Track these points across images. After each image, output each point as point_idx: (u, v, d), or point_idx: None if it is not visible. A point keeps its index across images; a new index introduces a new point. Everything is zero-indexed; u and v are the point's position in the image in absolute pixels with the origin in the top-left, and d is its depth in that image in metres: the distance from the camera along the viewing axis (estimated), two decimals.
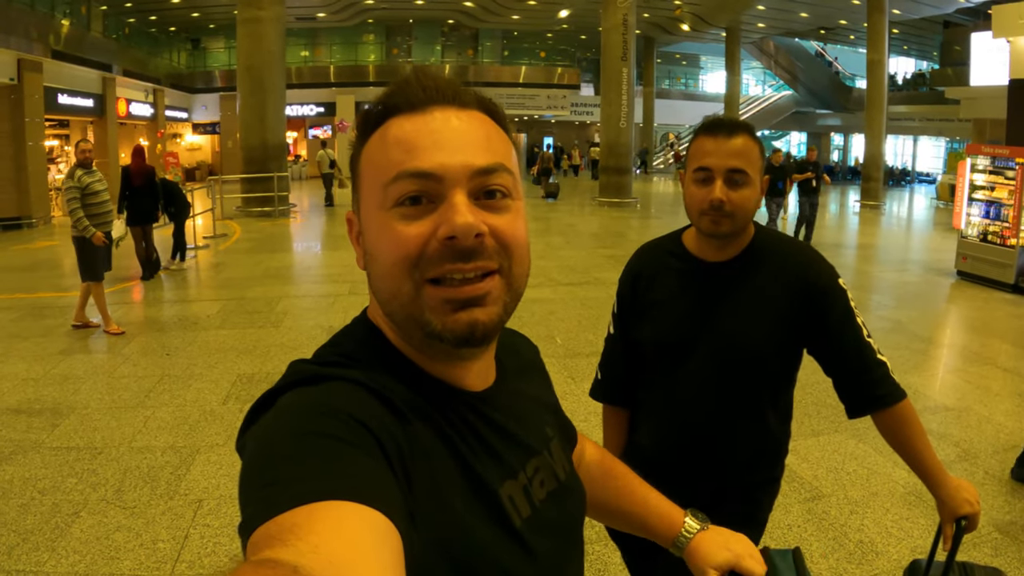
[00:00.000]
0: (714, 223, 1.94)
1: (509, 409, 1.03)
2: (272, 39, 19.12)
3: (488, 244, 0.88)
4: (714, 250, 2.05)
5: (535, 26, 40.46)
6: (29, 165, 18.86)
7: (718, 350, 2.00)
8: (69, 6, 23.43)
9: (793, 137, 54.71)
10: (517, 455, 0.99)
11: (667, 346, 2.08)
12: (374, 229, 0.90)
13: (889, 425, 1.97)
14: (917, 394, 6.39)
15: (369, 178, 0.92)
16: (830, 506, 4.43)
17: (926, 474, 1.94)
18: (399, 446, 0.80)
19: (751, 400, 2.03)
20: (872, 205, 24.86)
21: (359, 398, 0.82)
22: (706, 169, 1.93)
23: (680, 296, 2.08)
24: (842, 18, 34.28)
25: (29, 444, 5.20)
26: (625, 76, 22.59)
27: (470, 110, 0.93)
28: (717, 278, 2.04)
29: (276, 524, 0.64)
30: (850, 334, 1.97)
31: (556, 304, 9.52)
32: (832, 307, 1.97)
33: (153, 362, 7.11)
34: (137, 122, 29.24)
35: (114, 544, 3.91)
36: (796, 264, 2.01)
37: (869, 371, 1.96)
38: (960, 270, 12.16)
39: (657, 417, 2.16)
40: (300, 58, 38.17)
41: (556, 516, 1.03)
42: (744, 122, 2.00)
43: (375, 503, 0.68)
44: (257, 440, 0.79)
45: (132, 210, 11.03)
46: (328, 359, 0.92)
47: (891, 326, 8.83)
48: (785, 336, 1.99)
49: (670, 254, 2.15)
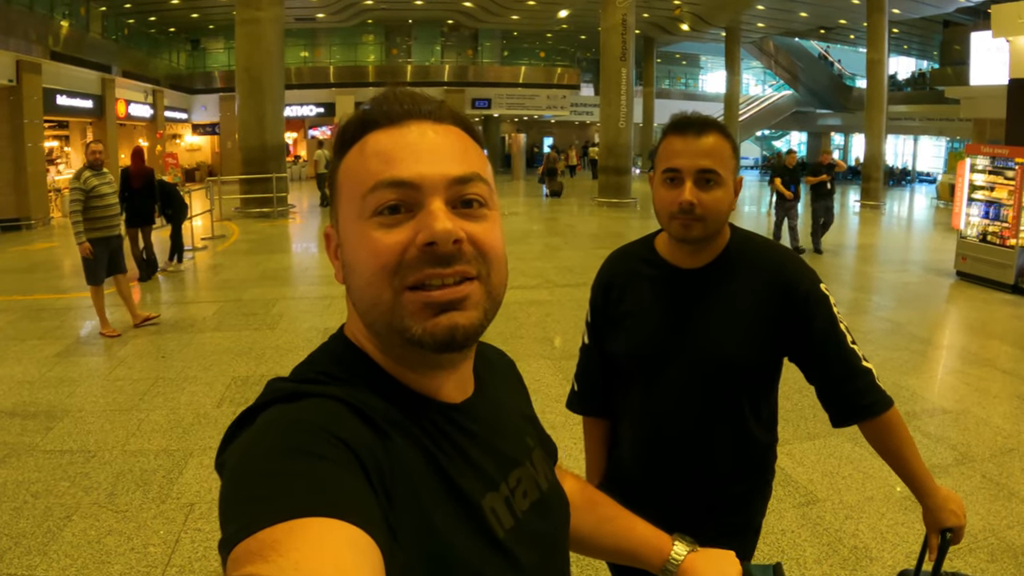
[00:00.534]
0: (684, 227, 1.85)
1: (489, 420, 1.03)
2: (271, 40, 19.12)
3: (466, 250, 0.88)
4: (687, 256, 1.96)
5: (535, 26, 40.46)
6: (28, 166, 18.88)
7: (696, 360, 1.92)
8: (68, 7, 23.49)
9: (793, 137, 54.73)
10: (498, 466, 0.99)
11: (643, 357, 1.99)
12: (353, 240, 0.90)
13: (876, 433, 1.92)
14: (915, 396, 6.37)
15: (347, 190, 0.92)
16: (825, 511, 4.41)
17: (914, 482, 1.91)
18: (379, 462, 0.79)
19: (733, 410, 1.95)
20: (872, 205, 24.80)
21: (338, 415, 0.82)
22: (675, 170, 1.85)
23: (654, 305, 1.99)
24: (842, 18, 34.25)
25: (23, 447, 5.20)
26: (624, 76, 22.57)
27: (446, 124, 0.95)
28: (692, 285, 1.95)
29: (256, 540, 0.64)
30: (834, 341, 1.89)
31: (553, 306, 9.52)
32: (815, 314, 1.89)
33: (148, 365, 7.10)
34: (136, 123, 29.27)
35: (105, 548, 3.90)
36: (775, 269, 1.93)
37: (854, 379, 1.89)
38: (959, 270, 12.12)
39: (636, 430, 2.07)
40: (299, 58, 38.19)
41: (539, 527, 1.03)
42: (715, 120, 1.90)
43: (355, 520, 0.68)
44: (237, 457, 0.78)
45: (131, 212, 11.04)
46: (306, 376, 0.92)
47: (890, 327, 8.81)
48: (766, 344, 1.91)
49: (642, 260, 2.06)
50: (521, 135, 37.67)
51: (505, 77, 38.08)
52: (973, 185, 11.94)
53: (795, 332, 1.90)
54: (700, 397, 1.94)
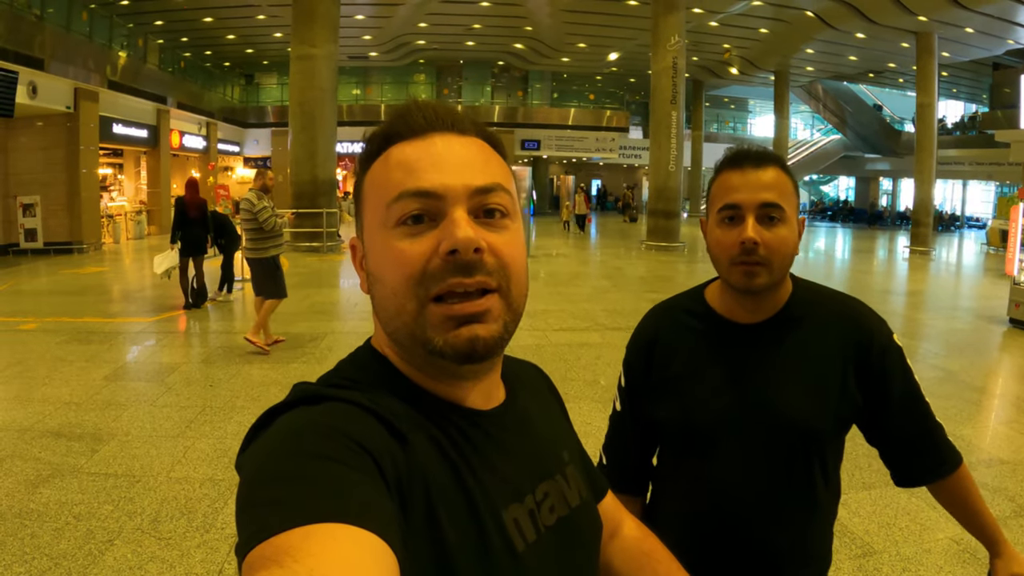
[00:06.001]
0: (748, 275, 1.61)
1: (517, 430, 1.02)
2: (324, 76, 19.51)
3: (488, 261, 0.89)
4: (746, 311, 1.73)
5: (584, 69, 40.84)
6: (82, 192, 19.41)
7: (761, 426, 1.67)
8: (126, 38, 24.19)
9: (841, 182, 54.34)
10: (525, 477, 0.98)
11: (699, 426, 1.73)
12: (377, 249, 0.93)
13: (948, 489, 1.77)
14: (970, 446, 6.19)
15: (372, 200, 0.94)
16: (882, 563, 4.27)
17: (985, 533, 1.78)
18: (397, 468, 0.80)
19: (804, 481, 1.71)
20: (922, 251, 24.52)
21: (359, 419, 0.82)
22: (734, 206, 1.62)
23: (710, 365, 1.74)
24: (891, 61, 34.07)
25: (67, 468, 5.22)
26: (674, 119, 22.52)
27: (469, 136, 0.96)
28: (753, 341, 1.72)
29: (272, 546, 0.64)
30: (911, 397, 1.71)
31: (604, 348, 9.41)
32: (893, 373, 1.69)
33: (196, 392, 7.13)
34: (189, 154, 29.90)
35: (147, 575, 3.87)
36: (846, 322, 1.72)
37: (932, 439, 1.74)
38: (1013, 317, 11.86)
39: (687, 508, 1.79)
40: (352, 96, 38.77)
41: (563, 543, 1.00)
42: (773, 152, 1.69)
43: (372, 526, 0.68)
44: (255, 459, 0.78)
45: (185, 241, 11.24)
46: (330, 381, 0.93)
47: (942, 375, 8.60)
48: (840, 404, 1.68)
49: (692, 315, 1.81)
50: (570, 177, 37.75)
51: (554, 119, 38.40)
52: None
53: (870, 392, 1.70)
54: (765, 466, 1.69)
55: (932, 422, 1.75)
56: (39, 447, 5.60)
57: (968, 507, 1.78)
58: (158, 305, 11.86)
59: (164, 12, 26.20)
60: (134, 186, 27.16)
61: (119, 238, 22.99)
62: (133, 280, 15.30)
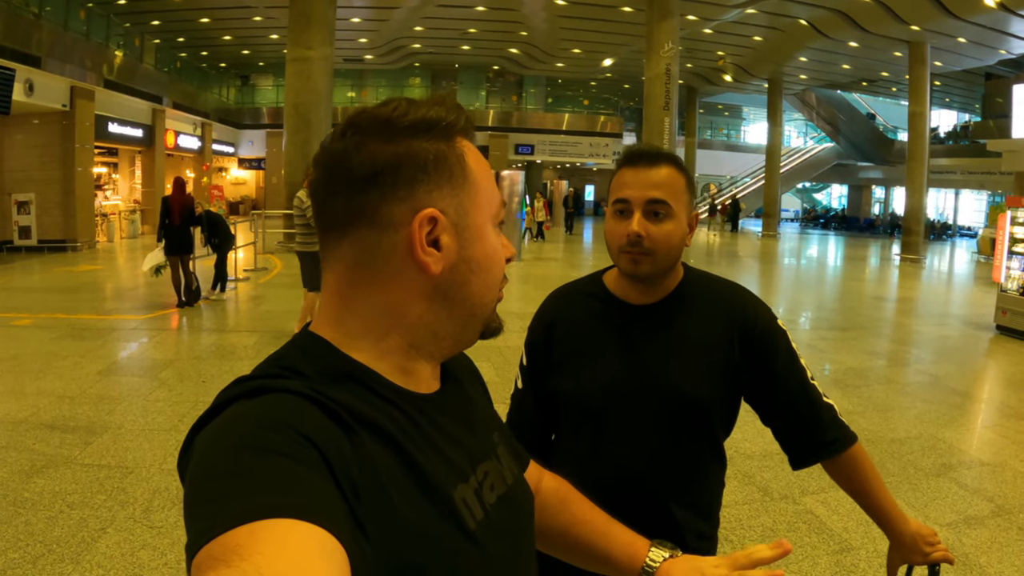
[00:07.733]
0: (633, 262, 1.76)
1: (458, 412, 1.05)
2: (320, 78, 19.53)
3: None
4: (639, 293, 1.86)
5: (579, 74, 40.90)
6: (77, 190, 19.40)
7: (654, 398, 1.80)
8: (123, 38, 24.24)
9: (834, 190, 54.49)
10: (468, 458, 0.99)
11: (593, 398, 1.85)
12: (490, 239, 1.01)
13: (842, 470, 1.84)
14: (952, 448, 6.28)
15: (485, 193, 1.01)
16: (859, 559, 4.34)
17: (883, 516, 1.82)
18: (345, 459, 0.78)
19: (693, 449, 1.83)
20: (912, 259, 24.64)
21: (303, 410, 0.80)
22: (624, 201, 1.77)
23: (605, 342, 1.87)
24: (884, 70, 34.21)
25: (61, 459, 5.28)
26: (667, 125, 22.56)
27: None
28: (645, 321, 1.85)
29: (219, 544, 0.63)
30: (796, 378, 1.82)
31: None
32: (776, 350, 1.82)
33: (189, 388, 7.19)
34: (184, 154, 29.86)
35: (139, 561, 3.94)
36: (731, 306, 1.85)
37: (818, 416, 1.82)
38: (999, 324, 11.95)
39: (585, 474, 1.73)
40: (346, 98, 38.87)
41: (508, 520, 1.03)
42: (669, 152, 1.83)
43: (320, 521, 0.67)
44: (198, 457, 0.76)
45: (170, 240, 11.24)
46: (269, 372, 0.89)
47: (928, 380, 8.70)
48: (724, 383, 1.81)
49: (590, 297, 1.94)
50: (563, 182, 37.83)
51: (548, 124, 38.48)
52: (1014, 238, 11.80)
53: (755, 369, 1.82)
54: (656, 438, 1.81)
55: (822, 402, 1.83)
56: (33, 439, 5.66)
57: (863, 488, 1.83)
58: (151, 303, 11.89)
59: (161, 12, 26.19)
60: (129, 185, 27.15)
61: (113, 237, 22.97)
62: (127, 278, 15.34)
